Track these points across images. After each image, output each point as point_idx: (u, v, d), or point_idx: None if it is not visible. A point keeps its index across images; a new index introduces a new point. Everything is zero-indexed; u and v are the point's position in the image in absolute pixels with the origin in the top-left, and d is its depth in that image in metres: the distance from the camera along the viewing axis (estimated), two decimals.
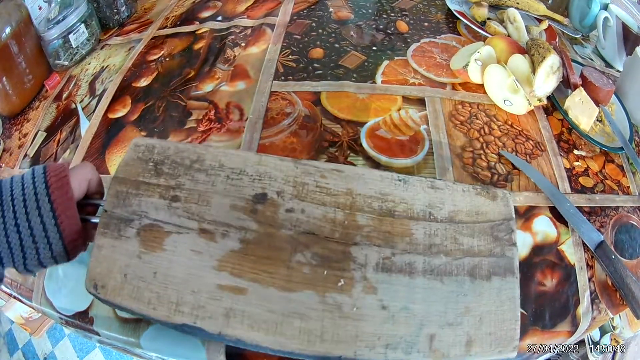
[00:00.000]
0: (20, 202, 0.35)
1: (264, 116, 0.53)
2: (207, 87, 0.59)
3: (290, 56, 0.60)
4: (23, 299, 0.51)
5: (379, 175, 0.43)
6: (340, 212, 0.40)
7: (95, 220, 0.42)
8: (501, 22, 0.66)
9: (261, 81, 0.57)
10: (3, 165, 0.64)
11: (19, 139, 0.66)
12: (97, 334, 0.45)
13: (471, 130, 0.51)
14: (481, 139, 0.51)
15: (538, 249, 0.44)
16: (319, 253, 0.38)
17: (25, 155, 0.62)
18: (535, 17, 0.70)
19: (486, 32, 0.63)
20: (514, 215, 0.42)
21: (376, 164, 0.48)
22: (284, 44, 0.62)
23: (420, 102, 0.54)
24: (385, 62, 0.59)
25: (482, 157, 0.49)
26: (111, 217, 0.41)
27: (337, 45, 0.61)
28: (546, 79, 0.53)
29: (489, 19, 0.66)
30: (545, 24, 0.67)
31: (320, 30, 0.64)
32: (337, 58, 0.60)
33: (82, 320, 0.45)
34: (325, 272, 0.38)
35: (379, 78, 0.57)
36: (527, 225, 0.45)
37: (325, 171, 0.43)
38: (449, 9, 0.66)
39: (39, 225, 0.35)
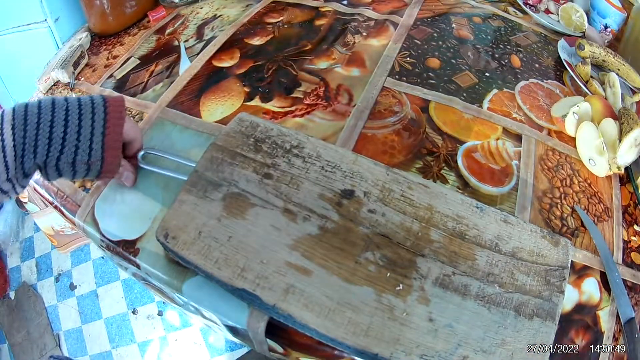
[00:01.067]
0: (74, 106, 0.37)
1: (372, 108, 0.55)
2: (321, 64, 0.60)
3: (407, 58, 0.62)
4: (65, 212, 0.50)
5: (460, 198, 0.45)
6: (417, 223, 0.42)
7: (142, 164, 0.45)
8: (602, 83, 0.69)
9: (376, 74, 0.59)
10: (82, 78, 0.64)
11: (107, 59, 0.66)
12: (138, 266, 0.44)
13: (555, 178, 0.54)
14: (562, 189, 0.53)
15: (580, 308, 0.45)
16: (388, 256, 0.40)
17: (111, 75, 0.62)
18: (631, 87, 0.72)
19: (588, 89, 0.66)
20: (569, 265, 0.43)
21: (465, 184, 0.51)
22: (404, 45, 0.63)
23: (518, 137, 0.56)
24: (495, 91, 0.61)
25: (558, 206, 0.52)
26: (200, 177, 0.43)
27: (453, 61, 0.63)
28: (629, 150, 0.55)
29: (592, 77, 0.68)
30: (638, 97, 0.69)
31: (440, 42, 0.65)
32: (451, 73, 0.61)
33: (126, 249, 0.45)
34: (388, 274, 0.39)
35: (485, 104, 0.59)
36: (577, 282, 0.47)
37: (413, 184, 0.45)
38: (559, 56, 0.68)
39: (88, 127, 0.37)
